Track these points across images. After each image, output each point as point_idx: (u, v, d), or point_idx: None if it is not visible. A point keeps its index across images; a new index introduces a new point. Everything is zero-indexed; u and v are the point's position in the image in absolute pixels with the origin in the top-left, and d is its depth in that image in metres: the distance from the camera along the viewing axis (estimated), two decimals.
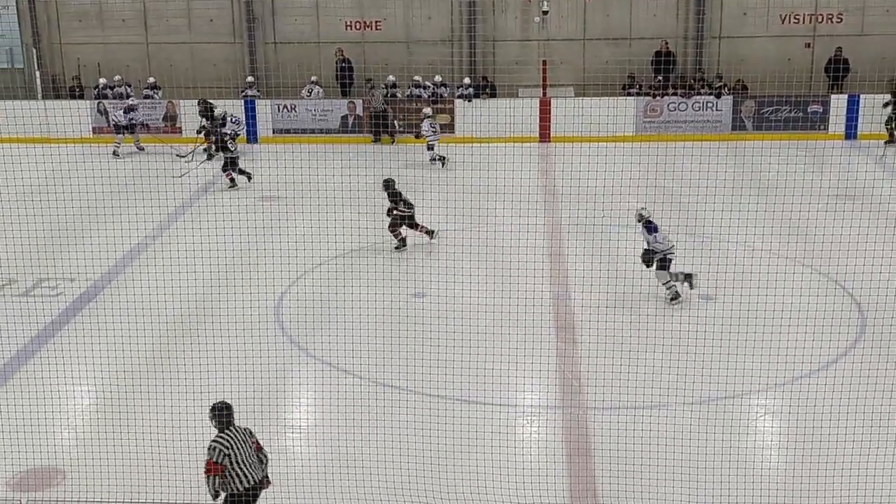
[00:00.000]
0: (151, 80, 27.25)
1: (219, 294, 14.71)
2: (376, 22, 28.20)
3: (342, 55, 27.44)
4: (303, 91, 26.76)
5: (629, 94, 26.37)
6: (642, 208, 14.58)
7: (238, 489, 8.50)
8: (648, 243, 14.41)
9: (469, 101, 26.31)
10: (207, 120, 23.74)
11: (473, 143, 22.90)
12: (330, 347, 12.58)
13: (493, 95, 26.84)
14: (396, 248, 16.91)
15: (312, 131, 26.22)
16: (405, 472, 9.71)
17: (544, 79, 25.75)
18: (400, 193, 16.93)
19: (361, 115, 26.38)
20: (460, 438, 10.29)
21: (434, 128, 23.71)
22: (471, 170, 17.87)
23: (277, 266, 14.28)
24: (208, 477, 8.50)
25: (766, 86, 23.86)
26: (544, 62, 25.97)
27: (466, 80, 26.91)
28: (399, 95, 26.74)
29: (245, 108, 26.02)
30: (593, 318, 12.72)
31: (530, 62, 26.99)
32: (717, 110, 25.91)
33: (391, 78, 26.83)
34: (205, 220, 15.09)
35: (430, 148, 23.57)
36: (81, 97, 27.36)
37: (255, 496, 8.65)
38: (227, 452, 8.44)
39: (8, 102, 25.58)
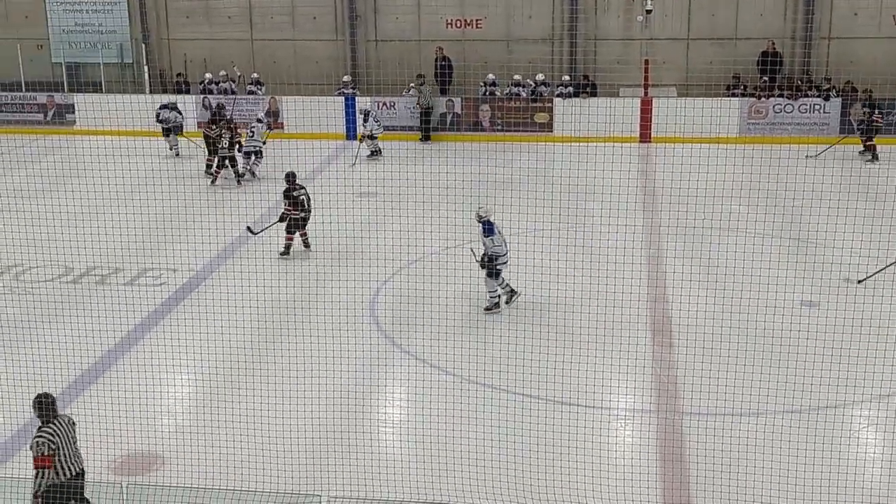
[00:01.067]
0: (255, 75, 27.72)
1: (316, 287, 14.87)
2: (477, 20, 28.20)
3: (442, 53, 27.51)
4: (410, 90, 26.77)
5: (733, 95, 25.88)
6: (480, 207, 14.09)
7: (59, 480, 8.29)
8: (485, 246, 13.93)
9: (569, 99, 26.15)
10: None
11: (572, 143, 22.74)
12: (424, 344, 12.61)
13: (593, 94, 26.61)
14: (281, 254, 16.50)
15: (412, 128, 26.37)
16: (496, 471, 9.68)
17: (646, 78, 25.44)
18: (295, 194, 16.51)
19: (460, 112, 26.44)
20: (552, 440, 10.22)
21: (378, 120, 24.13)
22: (569, 169, 17.72)
23: (374, 261, 14.38)
24: (40, 472, 8.20)
25: (881, 89, 23.16)
26: (646, 61, 25.65)
27: (566, 79, 26.74)
28: (498, 94, 26.70)
29: (344, 105, 26.27)
30: (691, 321, 12.51)
31: (632, 61, 26.68)
32: (824, 112, 25.27)
33: (490, 76, 26.79)
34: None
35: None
36: (187, 92, 27.97)
37: (80, 487, 8.43)
38: (53, 445, 8.24)
39: (117, 96, 26.35)
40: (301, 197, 16.63)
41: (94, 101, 26.53)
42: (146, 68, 28.46)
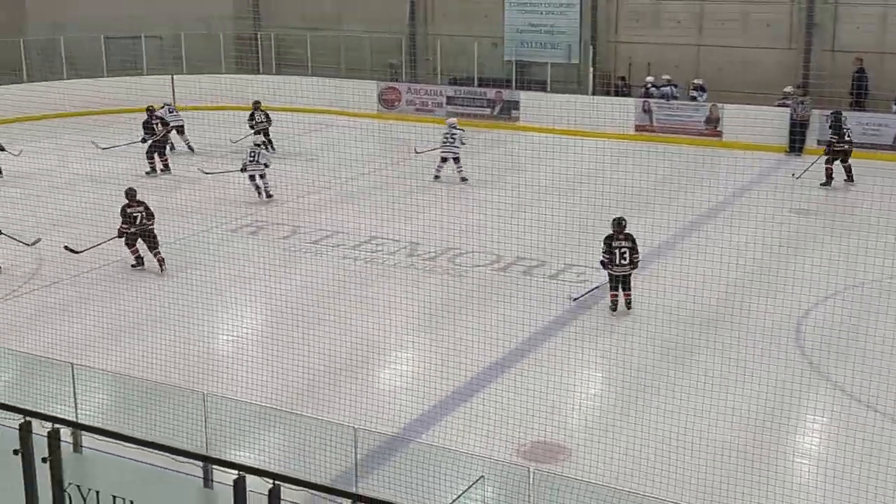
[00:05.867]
0: (698, 81, 27.30)
1: (740, 300, 14.31)
2: None
3: (860, 64, 25.35)
4: None
5: None
6: None
7: None
8: None
9: None
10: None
11: None
12: (853, 377, 11.69)
13: None
14: (133, 265, 16.37)
15: (862, 146, 24.57)
16: None
17: None
18: (130, 210, 16.24)
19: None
20: None
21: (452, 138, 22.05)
22: None
23: (804, 282, 13.58)
24: None
25: None
26: None
27: None
28: None
29: (789, 117, 25.07)
30: None
31: None
32: None
33: None
34: (735, 225, 14.83)
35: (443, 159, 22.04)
36: (627, 94, 28.17)
37: None
38: None
39: (560, 95, 27.13)
40: (135, 214, 16.33)
41: (538, 98, 27.55)
42: (591, 69, 29.02)
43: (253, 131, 24.35)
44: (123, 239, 16.41)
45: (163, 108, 25.51)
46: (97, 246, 16.25)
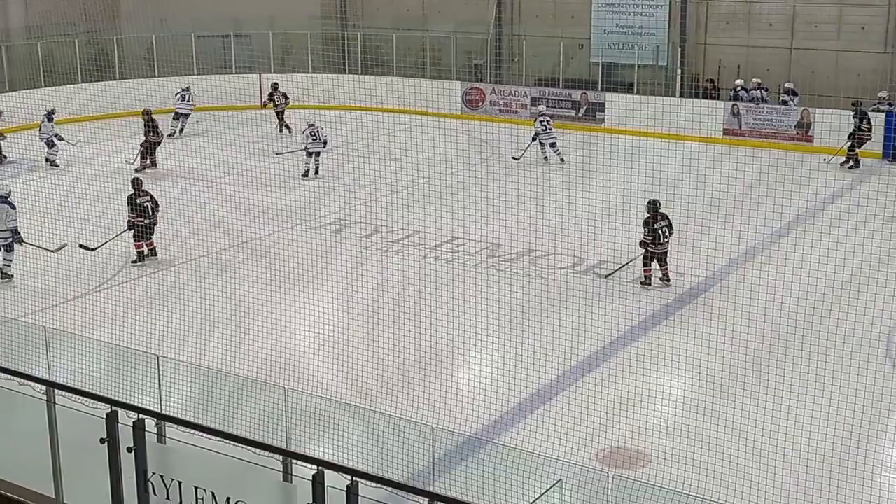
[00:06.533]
0: (789, 85, 26.77)
1: (828, 309, 13.98)
2: None
3: None
4: None
5: None
6: None
7: None
8: None
9: None
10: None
11: None
12: None
13: None
14: (133, 262, 16.42)
15: None
16: None
17: None
18: (139, 201, 16.51)
19: None
20: None
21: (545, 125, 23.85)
22: None
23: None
24: None
25: None
26: None
27: None
28: None
29: (885, 121, 24.46)
30: None
31: None
32: None
33: None
34: (826, 231, 14.48)
35: (542, 145, 23.87)
36: (716, 98, 27.75)
37: None
38: None
39: (647, 98, 26.82)
40: (145, 204, 16.52)
41: (624, 100, 27.28)
42: (679, 72, 28.66)
43: (276, 110, 27.09)
44: (132, 231, 16.57)
45: (179, 93, 26.60)
46: (111, 241, 16.56)
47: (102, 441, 7.38)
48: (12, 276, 15.82)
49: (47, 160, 23.39)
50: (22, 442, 8.57)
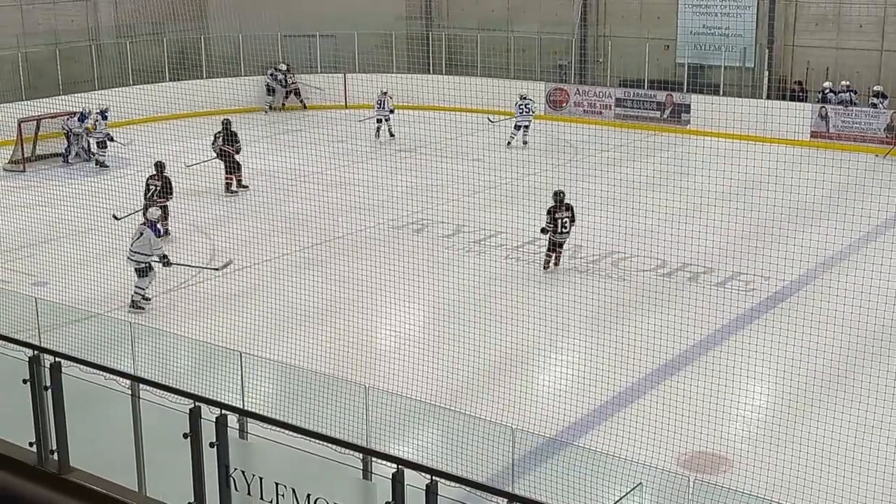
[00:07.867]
0: (878, 87, 26.12)
1: None
2: None
3: None
4: None
5: None
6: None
7: None
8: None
9: None
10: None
11: None
12: None
13: None
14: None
15: None
16: None
17: None
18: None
19: None
20: None
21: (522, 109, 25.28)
22: None
23: None
24: None
25: None
26: None
27: None
28: None
29: None
30: None
31: None
32: None
33: None
34: None
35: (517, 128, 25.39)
36: (803, 100, 27.22)
37: None
38: None
39: (733, 99, 26.41)
40: (151, 185, 18.05)
41: (710, 102, 26.88)
42: (766, 73, 28.16)
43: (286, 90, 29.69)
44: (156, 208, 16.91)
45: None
46: (136, 213, 16.98)
47: (185, 436, 7.50)
48: (150, 298, 15.13)
49: (97, 161, 23.61)
50: (107, 436, 8.74)
